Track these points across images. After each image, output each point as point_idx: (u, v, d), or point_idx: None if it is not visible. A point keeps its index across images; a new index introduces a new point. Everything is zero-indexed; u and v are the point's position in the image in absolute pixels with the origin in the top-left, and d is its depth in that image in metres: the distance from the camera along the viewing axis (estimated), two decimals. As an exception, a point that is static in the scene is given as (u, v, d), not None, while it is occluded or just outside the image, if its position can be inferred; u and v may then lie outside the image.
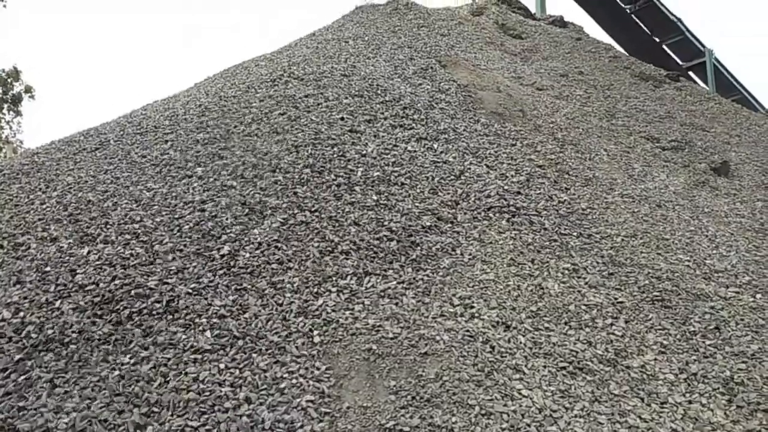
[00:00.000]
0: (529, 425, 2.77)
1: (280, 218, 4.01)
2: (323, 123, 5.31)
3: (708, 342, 3.55)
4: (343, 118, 5.44)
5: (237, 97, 5.81)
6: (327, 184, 4.48)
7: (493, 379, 2.98)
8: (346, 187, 4.51)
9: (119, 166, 4.66)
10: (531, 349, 3.24)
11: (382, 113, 5.71)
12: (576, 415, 2.87)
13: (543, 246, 4.32)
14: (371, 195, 4.48)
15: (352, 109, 5.65)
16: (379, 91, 6.12)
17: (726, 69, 15.49)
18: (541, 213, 4.74)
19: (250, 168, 4.53)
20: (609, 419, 2.89)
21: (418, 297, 3.58)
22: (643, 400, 3.06)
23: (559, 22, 10.57)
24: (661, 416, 2.96)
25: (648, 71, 9.40)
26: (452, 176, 5.00)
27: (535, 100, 7.22)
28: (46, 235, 3.77)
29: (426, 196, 4.67)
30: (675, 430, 2.89)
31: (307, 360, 2.97)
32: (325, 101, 5.74)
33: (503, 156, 5.54)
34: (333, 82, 6.18)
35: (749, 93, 15.71)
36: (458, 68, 7.43)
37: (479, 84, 7.07)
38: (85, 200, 4.17)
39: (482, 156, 5.45)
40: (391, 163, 4.93)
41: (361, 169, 4.74)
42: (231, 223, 3.87)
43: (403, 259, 3.94)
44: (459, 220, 4.48)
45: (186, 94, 6.65)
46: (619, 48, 11.06)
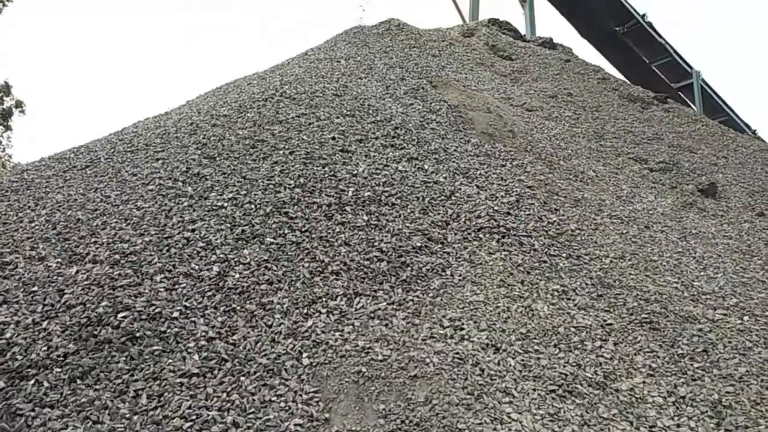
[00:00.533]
0: (519, 449, 2.76)
1: (270, 238, 4.01)
2: (315, 143, 5.33)
3: (696, 365, 3.57)
4: (334, 138, 5.47)
5: (229, 116, 5.83)
6: (318, 204, 4.49)
7: (483, 402, 2.98)
8: (337, 207, 4.52)
9: (109, 184, 4.64)
10: (520, 371, 3.25)
11: (374, 133, 5.74)
12: (565, 439, 2.87)
13: (533, 267, 4.34)
14: (362, 215, 4.49)
15: (343, 128, 5.68)
16: (371, 111, 6.17)
17: (713, 90, 15.75)
18: (531, 234, 4.76)
19: (241, 188, 4.54)
20: (598, 443, 2.88)
21: (408, 318, 3.58)
22: (632, 424, 3.06)
23: (549, 44, 10.71)
24: (649, 440, 2.96)
25: (636, 93, 9.53)
26: (443, 196, 5.03)
27: (524, 121, 7.29)
28: (35, 254, 3.74)
29: (417, 216, 4.68)
30: (664, 455, 2.89)
31: (296, 383, 2.95)
32: (317, 121, 5.77)
33: (493, 176, 5.58)
34: (325, 101, 6.22)
35: (736, 114, 15.96)
36: (449, 89, 7.50)
37: (470, 104, 7.13)
38: (75, 219, 4.15)
39: (473, 176, 5.49)
40: (381, 183, 4.95)
41: (352, 189, 4.76)
42: (221, 243, 3.87)
43: (393, 279, 3.95)
44: (449, 241, 4.49)
45: (178, 112, 6.66)
46: (608, 69, 11.21)
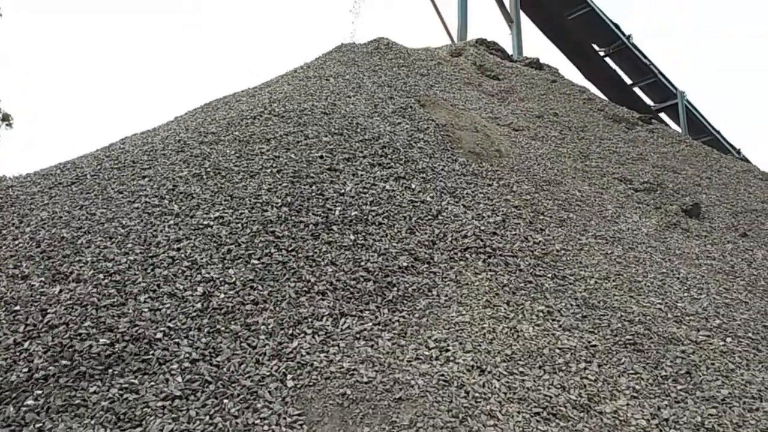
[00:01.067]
0: (503, 473, 2.75)
1: (256, 258, 4.00)
2: (302, 161, 5.35)
3: (679, 387, 3.59)
4: (322, 156, 5.49)
5: (217, 134, 5.84)
6: (305, 223, 4.49)
7: (467, 425, 2.97)
8: (324, 227, 4.52)
9: (95, 201, 4.62)
10: (505, 393, 3.25)
11: (361, 152, 5.76)
12: (549, 463, 2.87)
13: (518, 288, 4.36)
14: (349, 234, 4.50)
15: (331, 147, 5.70)
16: (359, 130, 6.20)
17: (697, 111, 16.02)
18: (517, 254, 4.79)
19: (228, 206, 4.53)
20: (582, 467, 2.88)
21: (394, 339, 3.58)
22: (615, 447, 3.07)
23: (535, 64, 10.85)
24: (633, 463, 2.97)
25: (621, 113, 9.66)
26: (430, 216, 5.05)
27: (511, 141, 7.37)
28: (18, 273, 3.70)
29: (403, 235, 4.70)
30: (647, 478, 2.89)
31: (280, 405, 2.93)
32: (305, 139, 5.78)
33: (480, 196, 5.62)
34: (313, 119, 6.24)
35: (720, 135, 16.23)
36: (437, 108, 7.57)
37: (457, 124, 7.20)
38: (59, 237, 4.11)
39: (459, 196, 5.52)
40: (369, 203, 4.97)
41: (339, 208, 4.77)
42: (206, 263, 3.85)
43: (379, 299, 3.95)
44: (436, 261, 4.51)
45: (166, 128, 6.65)
46: (593, 90, 11.38)
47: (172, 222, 4.26)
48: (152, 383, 2.91)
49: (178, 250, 3.94)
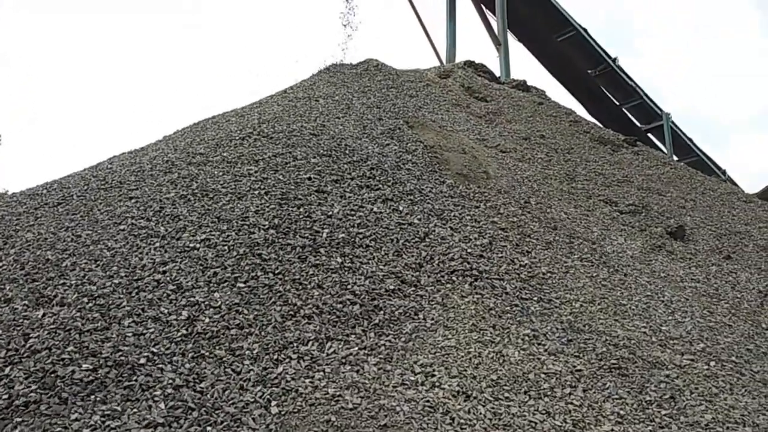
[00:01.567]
0: (487, 501, 2.74)
1: (242, 281, 3.99)
2: (290, 183, 5.36)
3: (663, 412, 3.61)
4: (310, 178, 5.51)
5: (205, 155, 5.85)
6: (292, 246, 4.50)
7: (452, 452, 2.97)
8: (311, 249, 4.53)
9: (81, 223, 4.60)
10: (491, 420, 3.25)
11: (350, 173, 5.79)
12: (534, 490, 2.86)
13: (504, 311, 4.38)
14: (336, 257, 4.51)
15: (320, 168, 5.73)
16: (347, 151, 6.23)
17: (682, 132, 16.25)
18: (503, 277, 4.82)
19: (215, 228, 4.53)
20: (566, 494, 2.88)
21: (380, 364, 3.57)
22: (600, 473, 3.07)
23: (522, 86, 10.99)
24: (617, 490, 2.97)
25: (606, 135, 9.79)
26: (417, 238, 5.07)
27: (498, 162, 7.43)
28: (1, 296, 3.67)
29: (390, 258, 4.71)
30: (631, 506, 2.90)
31: (264, 432, 2.91)
32: (294, 160, 5.81)
33: (467, 218, 5.66)
34: (302, 141, 6.28)
35: (705, 155, 16.46)
36: (425, 129, 7.63)
37: (445, 145, 7.26)
38: (44, 259, 4.09)
39: (447, 218, 5.56)
40: (356, 225, 4.98)
41: (327, 231, 4.78)
42: (191, 286, 3.84)
43: (365, 323, 3.95)
44: (422, 284, 4.52)
45: (154, 148, 6.65)
46: (579, 112, 11.53)
47: (158, 244, 4.25)
48: (135, 410, 2.88)
49: (164, 273, 3.93)
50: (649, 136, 15.89)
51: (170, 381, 3.06)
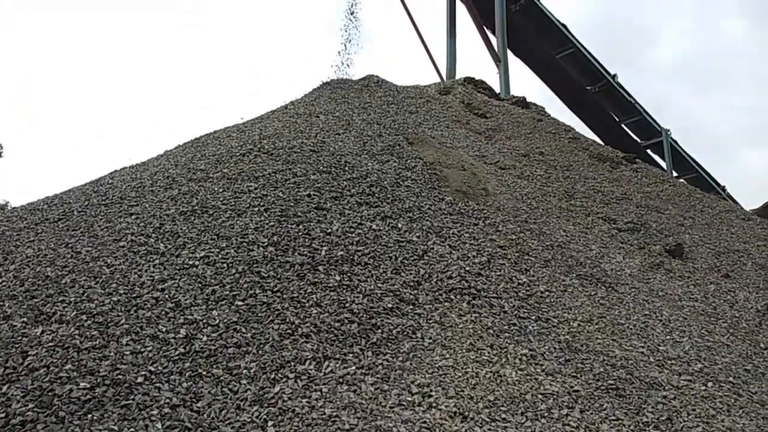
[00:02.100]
0: None
1: (240, 299, 4.00)
2: (290, 199, 5.39)
3: (660, 433, 3.60)
4: (310, 195, 5.54)
5: (206, 171, 5.88)
6: (290, 264, 4.51)
7: (448, 474, 2.97)
8: (310, 267, 4.54)
9: (81, 239, 4.62)
10: (487, 441, 3.24)
11: (349, 190, 5.82)
12: None
13: (502, 330, 4.38)
14: (334, 275, 4.52)
15: (319, 185, 5.76)
16: (347, 168, 6.27)
17: (681, 148, 16.31)
18: (501, 295, 4.83)
19: (214, 245, 4.55)
20: None
21: (377, 384, 3.57)
22: (596, 496, 3.06)
23: (522, 103, 11.06)
24: None
25: (605, 153, 9.84)
26: (415, 256, 5.09)
27: (498, 179, 7.47)
28: (0, 313, 3.68)
29: (389, 276, 4.72)
30: None
31: (260, 453, 2.91)
32: (293, 177, 5.84)
33: (466, 236, 5.67)
34: (302, 157, 6.32)
35: (705, 171, 16.50)
36: (425, 146, 7.68)
37: (445, 162, 7.29)
38: (43, 275, 4.11)
39: (445, 236, 5.58)
40: (355, 242, 5.00)
41: (326, 248, 4.80)
42: (190, 304, 3.85)
43: (363, 342, 3.95)
44: (420, 302, 4.53)
45: (155, 164, 6.70)
46: (579, 128, 11.59)
47: (157, 261, 4.27)
48: (132, 429, 2.88)
49: (162, 290, 3.94)
50: (648, 152, 15.95)
51: (167, 400, 3.07)
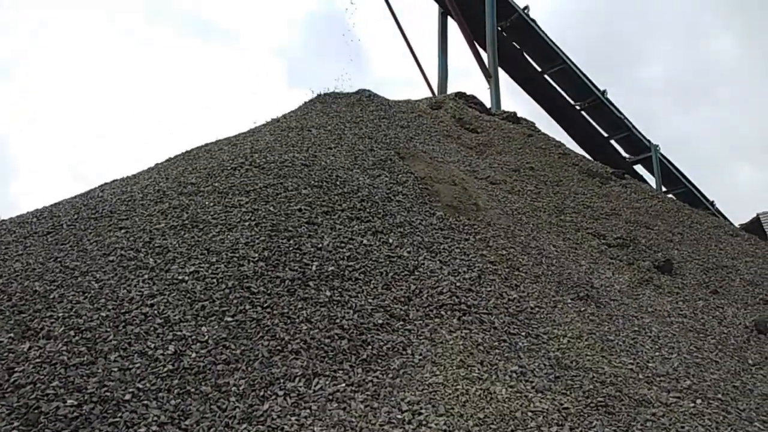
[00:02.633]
0: None
1: (230, 315, 3.99)
2: (281, 214, 5.39)
3: (650, 451, 3.61)
4: (301, 210, 5.54)
5: (196, 184, 5.87)
6: (281, 279, 4.50)
7: (438, 493, 2.95)
8: (300, 282, 4.54)
9: (70, 253, 4.59)
10: (477, 459, 3.24)
11: (340, 205, 5.83)
12: None
13: (492, 346, 4.39)
14: (325, 291, 4.52)
15: (310, 200, 5.76)
16: (338, 182, 6.28)
17: (671, 162, 16.47)
18: (492, 311, 4.83)
19: (204, 260, 4.53)
20: None
21: (367, 401, 3.56)
22: None
23: (513, 118, 11.15)
24: None
25: (595, 168, 9.92)
26: (406, 271, 5.09)
27: (488, 194, 7.50)
28: (-15, 328, 3.65)
29: (379, 291, 4.72)
30: None
31: (249, 472, 2.89)
32: (285, 191, 5.84)
33: (456, 251, 5.69)
34: (293, 171, 6.32)
35: (694, 186, 16.66)
36: (416, 160, 7.71)
37: (436, 177, 7.32)
38: (31, 290, 4.07)
39: (436, 251, 5.59)
40: (346, 257, 5.00)
41: (316, 263, 4.79)
42: (179, 320, 3.83)
43: (353, 359, 3.94)
44: (411, 318, 4.53)
45: (146, 177, 6.68)
46: (568, 144, 11.69)
47: (146, 276, 4.25)
48: (118, 448, 2.86)
49: (151, 306, 3.92)
50: (635, 168, 16.09)
51: (155, 418, 3.04)
